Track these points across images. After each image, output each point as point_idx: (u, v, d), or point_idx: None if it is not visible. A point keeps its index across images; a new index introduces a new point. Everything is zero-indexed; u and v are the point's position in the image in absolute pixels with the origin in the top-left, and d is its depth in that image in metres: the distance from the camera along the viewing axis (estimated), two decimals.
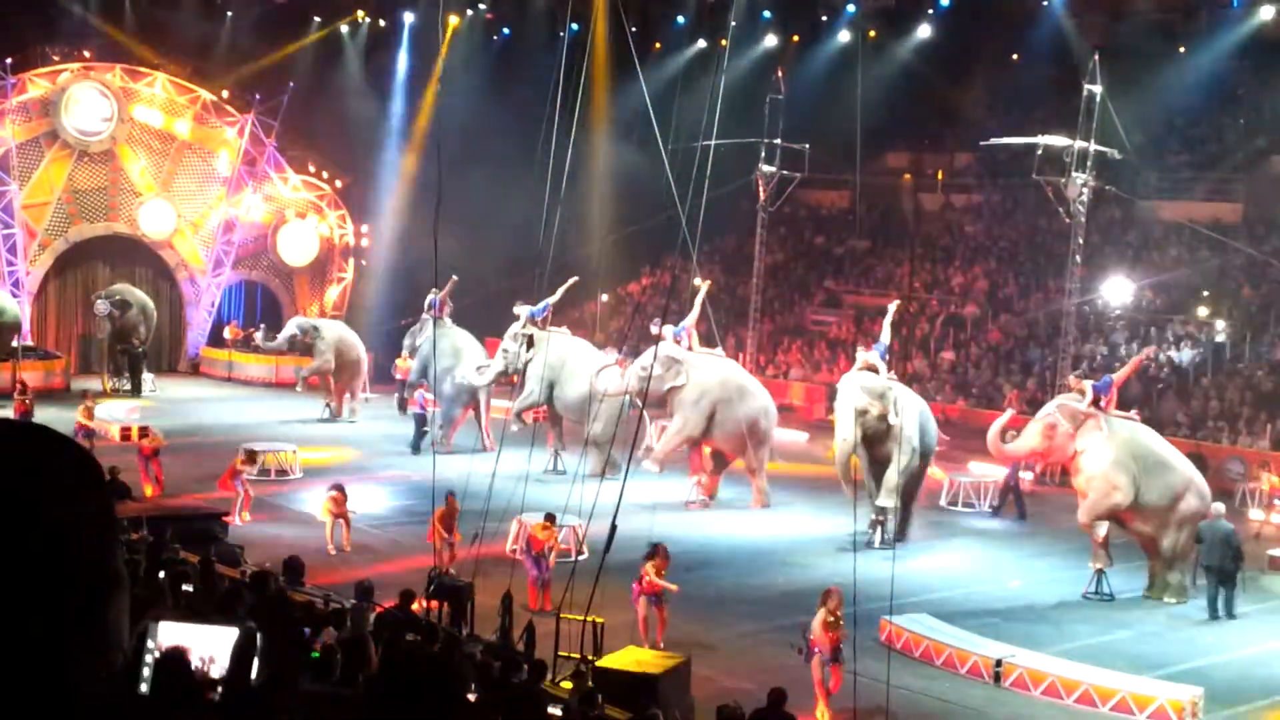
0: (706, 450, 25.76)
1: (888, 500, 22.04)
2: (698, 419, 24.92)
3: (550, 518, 18.35)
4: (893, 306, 25.55)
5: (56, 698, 1.48)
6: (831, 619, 14.63)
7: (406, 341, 31.18)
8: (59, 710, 1.49)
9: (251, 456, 23.45)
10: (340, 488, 20.64)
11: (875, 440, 22.34)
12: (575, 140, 18.50)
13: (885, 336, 24.33)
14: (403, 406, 32.62)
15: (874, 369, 23.11)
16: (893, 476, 21.94)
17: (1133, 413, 22.10)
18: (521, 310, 27.74)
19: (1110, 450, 20.11)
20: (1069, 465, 21.30)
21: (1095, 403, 20.58)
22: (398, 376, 33.33)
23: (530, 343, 27.18)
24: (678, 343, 25.65)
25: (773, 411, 25.92)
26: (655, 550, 16.51)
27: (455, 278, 29.43)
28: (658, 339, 23.50)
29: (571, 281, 28.17)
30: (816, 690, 14.58)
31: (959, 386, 35.15)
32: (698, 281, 27.98)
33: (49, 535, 1.48)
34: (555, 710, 10.47)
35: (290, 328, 33.17)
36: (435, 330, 27.59)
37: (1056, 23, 39.00)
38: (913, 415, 22.77)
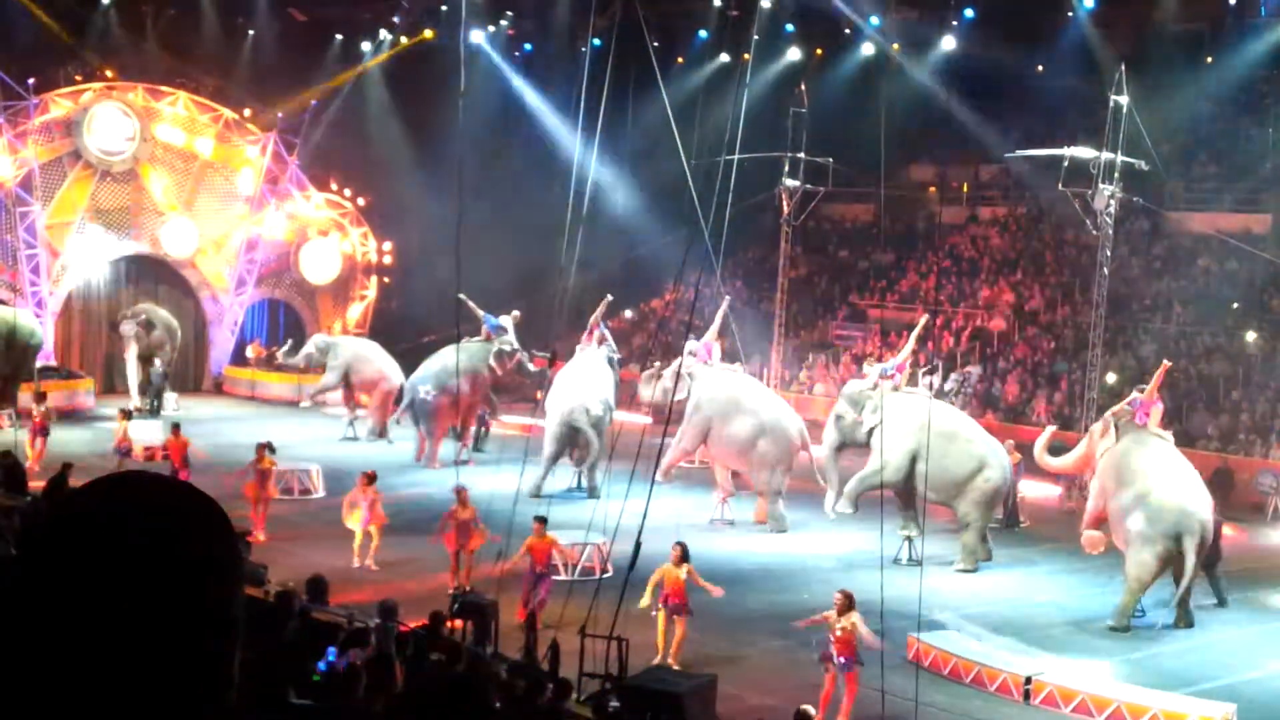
0: (718, 469, 25.47)
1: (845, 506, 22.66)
2: (692, 432, 24.92)
3: (541, 520, 17.25)
4: (921, 321, 25.45)
5: None
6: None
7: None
8: None
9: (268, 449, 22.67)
10: (369, 474, 20.26)
11: (851, 445, 23.68)
12: (598, 155, 18.43)
13: (905, 350, 24.30)
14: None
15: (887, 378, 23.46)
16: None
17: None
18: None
19: None
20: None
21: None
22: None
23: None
24: (694, 356, 25.53)
25: (784, 432, 24.57)
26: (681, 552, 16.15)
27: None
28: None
29: None
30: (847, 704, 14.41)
31: (986, 400, 34.89)
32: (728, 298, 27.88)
33: (186, 582, 1.52)
34: None
35: (309, 345, 33.43)
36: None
37: (1083, 34, 38.72)
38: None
